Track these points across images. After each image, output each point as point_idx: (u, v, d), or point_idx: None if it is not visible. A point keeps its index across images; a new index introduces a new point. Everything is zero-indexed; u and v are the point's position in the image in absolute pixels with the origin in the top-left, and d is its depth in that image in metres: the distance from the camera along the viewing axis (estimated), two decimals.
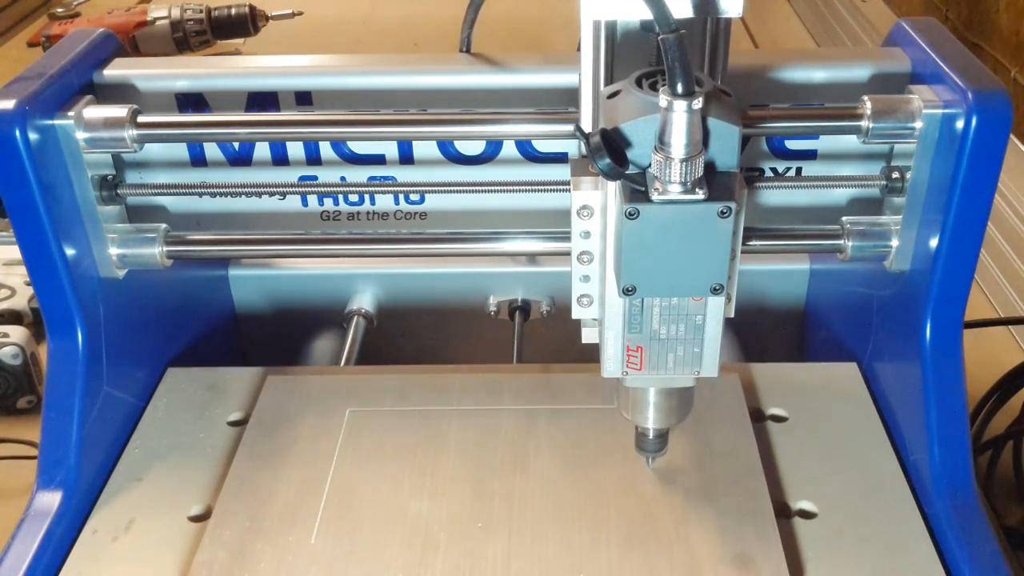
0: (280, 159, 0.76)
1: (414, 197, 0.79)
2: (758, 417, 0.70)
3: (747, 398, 0.71)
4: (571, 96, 0.63)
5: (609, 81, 0.56)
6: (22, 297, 0.99)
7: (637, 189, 0.49)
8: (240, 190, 0.75)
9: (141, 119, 0.64)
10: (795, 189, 0.74)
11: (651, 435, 0.61)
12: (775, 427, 0.70)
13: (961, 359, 0.64)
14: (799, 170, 0.75)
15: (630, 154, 0.49)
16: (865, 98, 0.62)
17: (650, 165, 0.49)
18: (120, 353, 0.69)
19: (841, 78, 0.70)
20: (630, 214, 0.48)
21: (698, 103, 0.47)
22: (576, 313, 0.58)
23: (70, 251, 0.63)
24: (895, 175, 0.66)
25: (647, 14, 0.47)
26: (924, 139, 0.62)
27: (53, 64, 0.65)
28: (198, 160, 0.75)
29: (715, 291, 0.51)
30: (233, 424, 0.71)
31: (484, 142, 0.75)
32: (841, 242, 0.66)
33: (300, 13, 1.55)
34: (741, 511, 0.61)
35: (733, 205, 0.48)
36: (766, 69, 0.70)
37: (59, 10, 1.68)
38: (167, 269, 0.69)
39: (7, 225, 0.62)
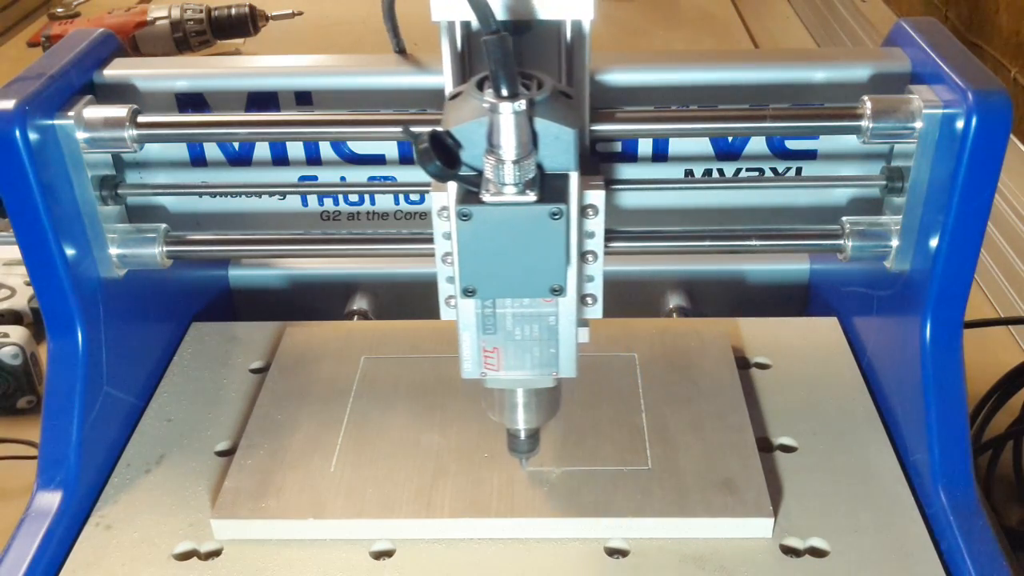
0: (280, 159, 0.76)
1: (414, 197, 0.79)
2: (744, 365, 0.75)
3: (734, 348, 0.76)
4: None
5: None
6: (22, 297, 0.99)
7: (470, 191, 0.49)
8: (240, 190, 0.75)
9: (141, 119, 0.64)
10: (795, 189, 0.74)
11: (522, 436, 0.61)
12: (759, 373, 0.75)
13: (961, 359, 0.64)
14: (799, 170, 0.75)
15: (464, 156, 0.49)
16: (865, 98, 0.62)
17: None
18: (120, 353, 0.69)
19: (841, 78, 0.70)
20: (463, 215, 0.48)
21: (521, 105, 0.46)
22: (444, 314, 0.57)
23: (70, 251, 0.63)
24: (895, 175, 0.66)
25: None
26: (924, 139, 0.62)
27: (53, 64, 0.65)
28: (198, 160, 0.75)
29: (555, 292, 0.51)
30: (255, 371, 0.76)
31: None
32: (841, 242, 0.66)
33: (300, 13, 1.55)
34: (726, 443, 0.66)
35: (564, 207, 0.48)
36: (766, 69, 0.70)
37: (59, 10, 1.68)
38: (167, 269, 0.69)
39: (7, 225, 0.62)
